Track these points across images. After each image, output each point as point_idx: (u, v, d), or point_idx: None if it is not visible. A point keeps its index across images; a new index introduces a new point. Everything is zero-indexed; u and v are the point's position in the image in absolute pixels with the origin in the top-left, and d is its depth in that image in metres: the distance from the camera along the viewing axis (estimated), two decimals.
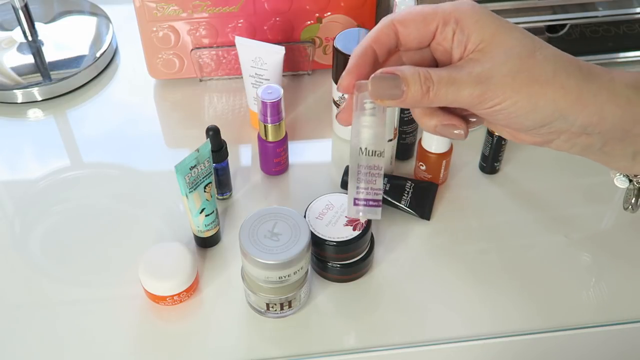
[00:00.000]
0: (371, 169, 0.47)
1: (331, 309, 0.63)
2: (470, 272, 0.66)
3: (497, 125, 0.49)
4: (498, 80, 0.45)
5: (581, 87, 0.46)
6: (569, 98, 0.45)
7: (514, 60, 0.45)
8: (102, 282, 0.65)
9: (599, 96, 0.45)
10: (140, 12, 0.78)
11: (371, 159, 0.47)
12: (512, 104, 0.45)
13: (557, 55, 0.46)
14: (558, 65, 0.46)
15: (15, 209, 0.73)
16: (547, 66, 0.45)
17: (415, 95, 0.45)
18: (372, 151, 0.47)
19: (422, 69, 0.45)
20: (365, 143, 0.47)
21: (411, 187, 0.70)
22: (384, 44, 0.47)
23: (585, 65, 0.46)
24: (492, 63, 0.45)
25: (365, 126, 0.47)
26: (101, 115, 0.82)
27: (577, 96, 0.45)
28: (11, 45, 0.87)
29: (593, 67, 0.47)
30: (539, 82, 0.45)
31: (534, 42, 0.46)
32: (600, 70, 0.46)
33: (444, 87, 0.45)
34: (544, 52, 0.46)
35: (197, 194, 0.62)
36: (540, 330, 0.62)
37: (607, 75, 0.46)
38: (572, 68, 0.46)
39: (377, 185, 0.47)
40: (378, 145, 0.47)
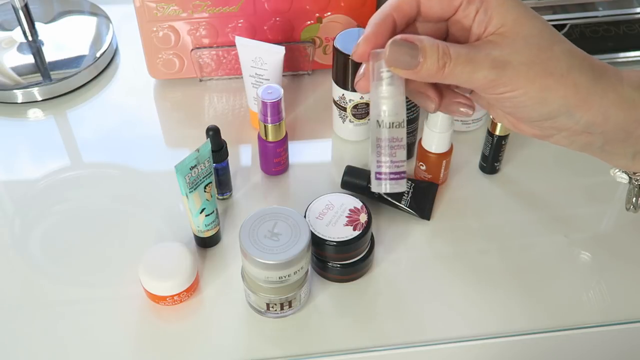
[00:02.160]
0: (392, 142, 0.46)
1: (331, 309, 0.63)
2: (470, 272, 0.66)
3: (500, 112, 0.48)
4: (514, 67, 0.44)
5: (591, 86, 0.45)
6: (579, 96, 0.45)
7: (532, 49, 0.45)
8: (102, 282, 0.65)
9: (606, 98, 0.45)
10: (140, 12, 0.78)
11: (392, 130, 0.46)
12: (523, 94, 0.45)
13: (573, 51, 0.46)
14: (573, 62, 0.45)
15: (15, 209, 0.73)
16: (563, 61, 0.45)
17: (430, 69, 0.44)
18: (392, 123, 0.45)
19: (442, 43, 0.44)
20: (385, 115, 0.45)
21: (411, 187, 0.70)
22: (405, 14, 0.46)
23: (598, 64, 0.46)
24: (511, 49, 0.45)
25: (384, 97, 0.45)
26: (101, 115, 0.82)
27: (586, 95, 0.45)
28: (11, 45, 0.87)
29: (605, 66, 0.47)
30: (553, 76, 0.45)
31: (553, 35, 0.46)
32: (611, 71, 0.46)
33: (461, 65, 0.44)
34: (561, 46, 0.46)
35: (197, 194, 0.62)
36: (540, 330, 0.62)
37: (616, 76, 0.46)
38: (586, 66, 0.46)
39: (398, 158, 0.46)
40: (398, 116, 0.45)
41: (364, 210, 0.63)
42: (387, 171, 0.45)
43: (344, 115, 0.75)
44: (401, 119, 0.46)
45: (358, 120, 0.75)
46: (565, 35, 0.86)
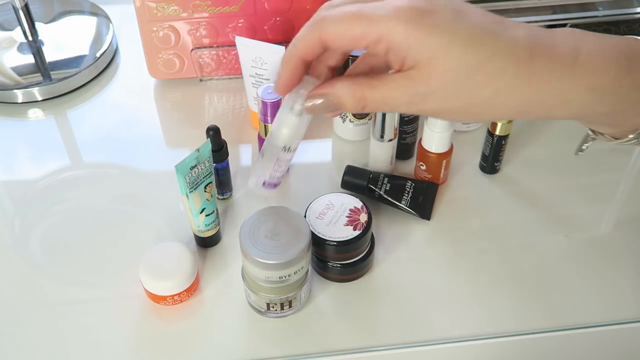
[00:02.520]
0: (281, 160, 0.52)
1: (331, 309, 0.63)
2: (470, 272, 0.66)
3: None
4: (434, 104, 0.45)
5: (526, 100, 0.45)
6: (517, 112, 0.46)
7: (451, 87, 0.45)
8: (103, 282, 0.65)
9: (546, 103, 0.46)
10: (140, 12, 0.78)
11: (285, 153, 0.51)
12: (449, 118, 0.47)
13: (502, 69, 0.44)
14: (502, 85, 0.45)
15: (15, 209, 0.73)
16: (487, 89, 0.45)
17: (351, 110, 0.46)
18: (287, 147, 0.51)
19: (357, 88, 0.45)
20: (284, 138, 0.50)
21: (411, 187, 0.70)
22: (313, 54, 0.46)
23: (532, 61, 0.45)
24: (428, 88, 0.45)
25: (289, 126, 0.50)
26: (101, 115, 0.82)
27: (526, 109, 0.46)
28: (11, 45, 0.87)
29: (537, 55, 0.45)
30: (478, 106, 0.45)
31: (477, 56, 0.44)
32: (542, 60, 0.45)
33: (379, 106, 0.46)
34: (487, 70, 0.44)
35: (197, 194, 0.62)
36: (540, 330, 0.62)
37: (548, 62, 0.45)
38: (517, 83, 0.45)
39: (280, 173, 0.53)
40: (294, 143, 0.51)
41: (364, 210, 0.63)
42: (268, 180, 0.52)
43: (344, 115, 0.75)
44: (295, 146, 0.52)
45: (358, 120, 0.75)
46: None
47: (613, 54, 0.45)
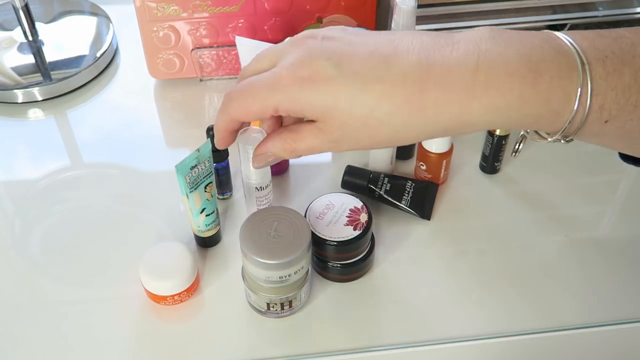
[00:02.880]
0: (259, 199, 0.65)
1: (331, 309, 0.63)
2: (470, 272, 0.66)
3: None
4: (348, 146, 0.49)
5: (425, 134, 0.48)
6: (420, 140, 0.49)
7: (353, 133, 0.48)
8: (103, 282, 0.65)
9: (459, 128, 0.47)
10: (140, 12, 0.78)
11: (260, 191, 0.65)
12: (369, 149, 0.52)
13: (391, 112, 0.46)
14: (397, 123, 0.46)
15: (16, 209, 0.73)
16: (384, 129, 0.47)
17: (288, 157, 0.52)
18: (259, 186, 0.64)
19: (284, 142, 0.51)
20: (257, 182, 0.64)
21: (411, 187, 0.70)
22: (234, 127, 0.52)
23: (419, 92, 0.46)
24: (335, 136, 0.48)
25: (253, 171, 0.63)
26: (101, 115, 0.82)
27: (426, 138, 0.49)
28: (11, 45, 0.87)
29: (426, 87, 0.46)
30: (386, 141, 0.48)
31: (364, 106, 0.46)
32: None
33: (307, 152, 0.50)
34: (377, 115, 0.46)
35: (197, 194, 0.62)
36: (540, 330, 0.62)
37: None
38: (412, 119, 0.46)
39: (266, 204, 0.66)
40: (264, 181, 0.64)
41: (364, 210, 0.63)
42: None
43: None
44: (266, 183, 0.64)
45: None
46: None
47: (518, 68, 0.44)
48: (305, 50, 0.48)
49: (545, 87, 0.43)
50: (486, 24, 0.82)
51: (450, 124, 0.46)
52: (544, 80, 0.43)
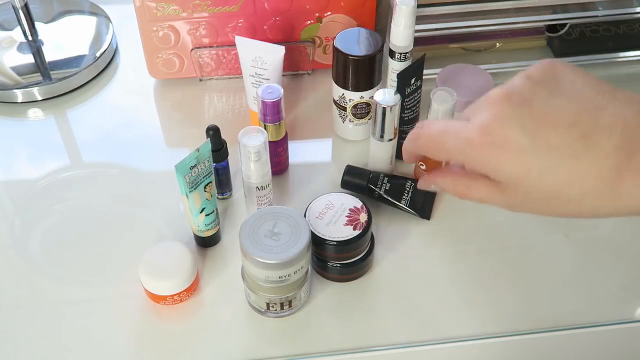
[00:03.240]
0: (260, 199, 0.65)
1: (331, 309, 0.63)
2: (470, 272, 0.66)
3: None
4: (528, 210, 0.49)
5: (612, 214, 0.46)
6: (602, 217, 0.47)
7: (537, 203, 0.47)
8: (103, 282, 0.65)
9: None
10: (140, 12, 0.78)
11: (261, 191, 0.65)
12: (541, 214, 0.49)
13: (584, 193, 0.45)
14: (587, 203, 0.46)
15: (16, 209, 0.73)
16: (571, 206, 0.46)
17: (454, 195, 0.53)
18: (261, 186, 0.64)
19: (457, 185, 0.52)
20: (258, 182, 0.64)
21: (411, 187, 0.70)
22: (418, 157, 0.58)
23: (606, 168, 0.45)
24: (517, 201, 0.48)
25: (254, 170, 0.62)
26: (101, 115, 0.82)
27: (609, 217, 0.47)
28: (11, 45, 0.87)
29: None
30: (569, 214, 0.47)
31: (556, 183, 0.46)
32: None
33: (477, 201, 0.51)
34: (568, 194, 0.46)
35: (197, 194, 0.62)
36: (541, 330, 0.62)
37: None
38: (604, 202, 0.45)
39: (267, 203, 0.66)
40: (265, 181, 0.64)
41: (364, 210, 0.63)
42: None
43: (344, 115, 0.75)
44: (267, 182, 0.65)
45: (358, 120, 0.75)
46: (566, 35, 0.87)
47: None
48: (498, 114, 0.46)
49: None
50: (486, 24, 0.83)
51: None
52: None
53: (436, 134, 0.51)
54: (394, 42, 0.70)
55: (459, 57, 0.87)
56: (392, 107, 0.65)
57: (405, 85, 0.67)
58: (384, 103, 0.65)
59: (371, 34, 0.72)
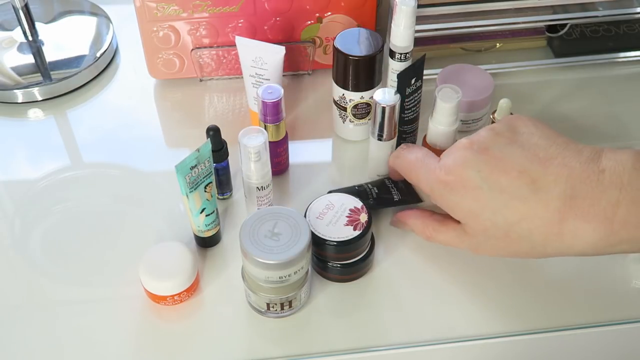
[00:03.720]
0: (260, 199, 0.66)
1: (331, 309, 0.63)
2: (470, 272, 0.66)
3: None
4: (486, 251, 0.56)
5: (563, 253, 0.53)
6: (557, 256, 0.54)
7: (493, 241, 0.54)
8: (102, 282, 0.65)
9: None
10: (140, 12, 0.78)
11: (261, 191, 0.65)
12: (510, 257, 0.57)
13: (531, 230, 0.51)
14: (535, 240, 0.52)
15: (15, 209, 0.73)
16: (523, 244, 0.52)
17: (421, 237, 0.62)
18: (261, 186, 0.64)
19: (425, 228, 0.60)
20: (258, 182, 0.64)
21: (391, 183, 0.70)
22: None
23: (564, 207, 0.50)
24: (477, 240, 0.55)
25: (254, 170, 0.62)
26: (101, 115, 0.82)
27: (564, 255, 0.53)
28: (11, 45, 0.87)
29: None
30: (524, 253, 0.54)
31: (506, 220, 0.52)
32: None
33: (442, 244, 0.60)
34: (517, 231, 0.52)
35: (197, 194, 0.62)
36: (541, 330, 0.62)
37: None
38: (550, 240, 0.51)
39: (267, 203, 0.66)
40: (265, 181, 0.64)
41: (364, 210, 0.63)
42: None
43: (344, 115, 0.75)
44: (267, 182, 0.64)
45: (358, 120, 0.75)
46: (566, 35, 0.87)
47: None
48: (460, 158, 0.54)
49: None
50: (486, 24, 0.83)
51: (586, 249, 0.50)
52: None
53: (414, 160, 0.59)
54: (394, 42, 0.70)
55: (459, 57, 0.87)
56: (392, 107, 0.65)
57: (405, 85, 0.67)
58: (384, 102, 0.65)
59: (371, 34, 0.72)
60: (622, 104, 0.82)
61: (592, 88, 0.84)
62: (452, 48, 0.87)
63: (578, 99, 0.83)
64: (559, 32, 0.87)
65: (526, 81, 0.85)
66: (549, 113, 0.81)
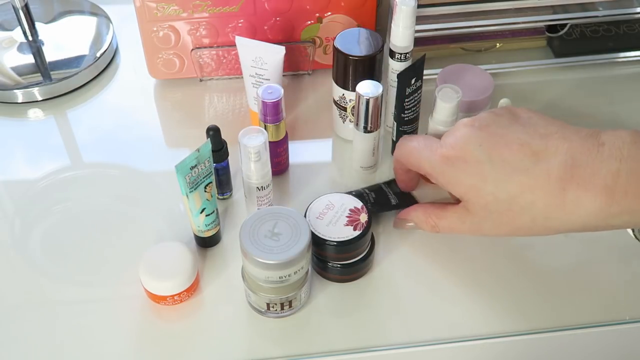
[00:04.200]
0: (260, 199, 0.66)
1: (331, 309, 0.63)
2: (470, 272, 0.66)
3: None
4: (489, 230, 0.56)
5: (565, 227, 0.52)
6: (560, 232, 0.54)
7: (495, 216, 0.54)
8: (103, 282, 0.65)
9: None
10: (140, 12, 0.78)
11: (260, 191, 0.65)
12: (511, 235, 0.56)
13: (533, 202, 0.51)
14: (537, 213, 0.52)
15: (15, 209, 0.73)
16: (525, 217, 0.52)
17: (426, 230, 0.62)
18: (261, 186, 0.64)
19: (428, 217, 0.60)
20: (258, 182, 0.64)
21: (387, 187, 0.70)
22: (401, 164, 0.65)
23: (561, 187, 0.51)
24: (479, 217, 0.55)
25: (254, 170, 0.63)
26: (101, 115, 0.82)
27: (566, 231, 0.53)
28: (11, 45, 0.87)
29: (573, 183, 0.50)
30: (525, 229, 0.54)
31: (508, 192, 0.52)
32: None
33: (447, 231, 0.59)
34: (519, 202, 0.52)
35: (197, 194, 0.62)
36: (541, 330, 0.62)
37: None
38: (552, 211, 0.51)
39: (267, 203, 0.66)
40: (265, 181, 0.64)
41: (364, 210, 0.63)
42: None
43: (344, 115, 0.75)
44: (267, 182, 0.65)
45: None
46: (566, 35, 0.87)
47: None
48: (462, 135, 0.55)
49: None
50: (486, 24, 0.83)
51: (588, 220, 0.50)
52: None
53: (415, 145, 0.59)
54: (394, 42, 0.70)
55: (459, 57, 0.87)
56: (375, 98, 0.65)
57: (405, 85, 0.67)
58: (368, 95, 0.65)
59: (371, 34, 0.72)
60: (622, 104, 0.82)
61: (592, 88, 0.84)
62: (452, 48, 0.87)
63: (578, 99, 0.83)
64: (559, 32, 0.87)
65: (526, 81, 0.85)
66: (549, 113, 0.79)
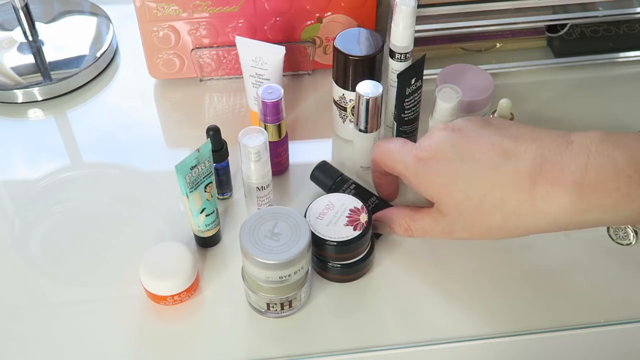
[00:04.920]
0: (260, 199, 0.66)
1: (331, 309, 0.63)
2: (470, 272, 0.66)
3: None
4: (460, 233, 0.56)
5: (537, 227, 0.53)
6: (531, 233, 0.54)
7: (466, 215, 0.54)
8: (103, 282, 0.65)
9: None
10: (140, 12, 0.78)
11: (260, 191, 0.65)
12: (484, 238, 0.56)
13: (503, 199, 0.52)
14: (508, 210, 0.52)
15: (15, 209, 0.73)
16: (496, 215, 0.53)
17: (400, 234, 0.62)
18: (260, 186, 0.64)
19: (402, 220, 0.60)
20: (258, 182, 0.64)
21: (374, 202, 0.69)
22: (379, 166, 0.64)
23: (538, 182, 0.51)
24: (451, 218, 0.55)
25: (254, 170, 0.63)
26: (101, 115, 0.82)
27: (537, 232, 0.54)
28: (11, 45, 0.87)
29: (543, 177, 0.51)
30: (497, 229, 0.54)
31: (479, 190, 0.53)
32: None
33: (420, 234, 0.60)
34: (490, 200, 0.52)
35: (197, 194, 0.62)
36: (541, 330, 0.62)
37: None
38: (522, 208, 0.52)
39: (267, 203, 0.67)
40: (265, 181, 0.64)
41: (364, 211, 0.63)
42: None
43: (344, 115, 0.75)
44: (267, 182, 0.65)
45: None
46: (566, 35, 0.87)
47: (624, 169, 0.48)
48: (436, 137, 0.56)
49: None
50: (486, 24, 0.83)
51: (559, 217, 0.50)
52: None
53: (392, 147, 0.60)
54: (394, 42, 0.70)
55: (459, 57, 0.87)
56: (375, 99, 0.65)
57: (405, 85, 0.67)
58: (368, 94, 0.65)
59: (371, 34, 0.72)
60: (622, 104, 0.82)
61: (592, 88, 0.84)
62: (452, 48, 0.87)
63: (578, 99, 0.83)
64: (559, 32, 0.87)
65: (526, 81, 0.85)
66: (549, 113, 0.81)
